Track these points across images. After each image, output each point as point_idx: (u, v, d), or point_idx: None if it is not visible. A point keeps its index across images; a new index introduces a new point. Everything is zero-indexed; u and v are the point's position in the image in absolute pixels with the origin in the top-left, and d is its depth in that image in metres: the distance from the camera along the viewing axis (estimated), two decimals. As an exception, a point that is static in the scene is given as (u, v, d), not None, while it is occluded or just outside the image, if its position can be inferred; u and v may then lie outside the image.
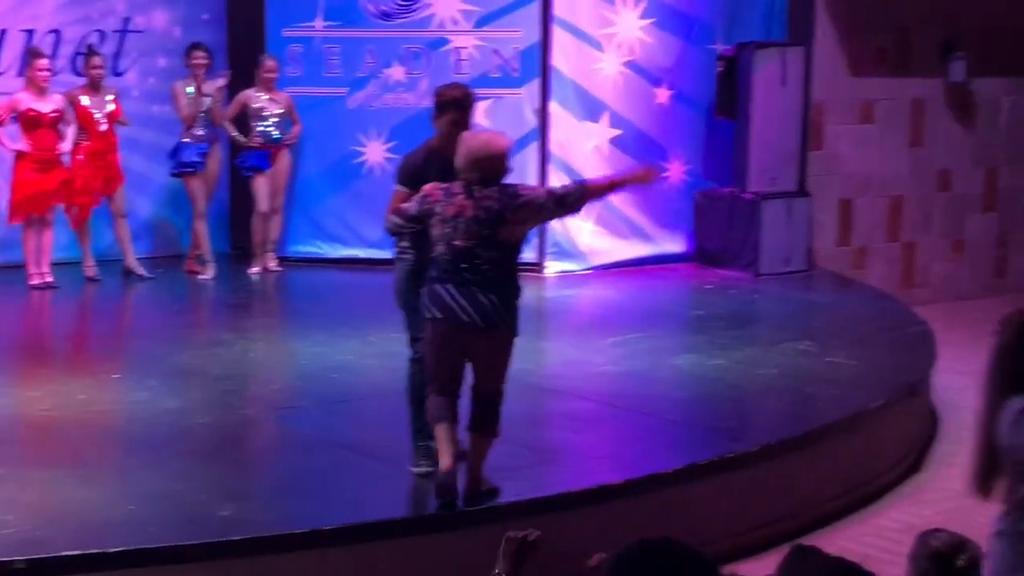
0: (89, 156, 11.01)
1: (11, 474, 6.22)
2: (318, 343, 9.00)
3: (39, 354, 9.17)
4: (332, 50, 12.15)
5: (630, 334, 9.47)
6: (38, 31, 11.75)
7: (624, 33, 12.13)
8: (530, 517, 5.91)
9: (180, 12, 12.42)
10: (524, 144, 11.95)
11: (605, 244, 12.18)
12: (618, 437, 7.41)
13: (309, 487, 6.22)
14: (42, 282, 10.84)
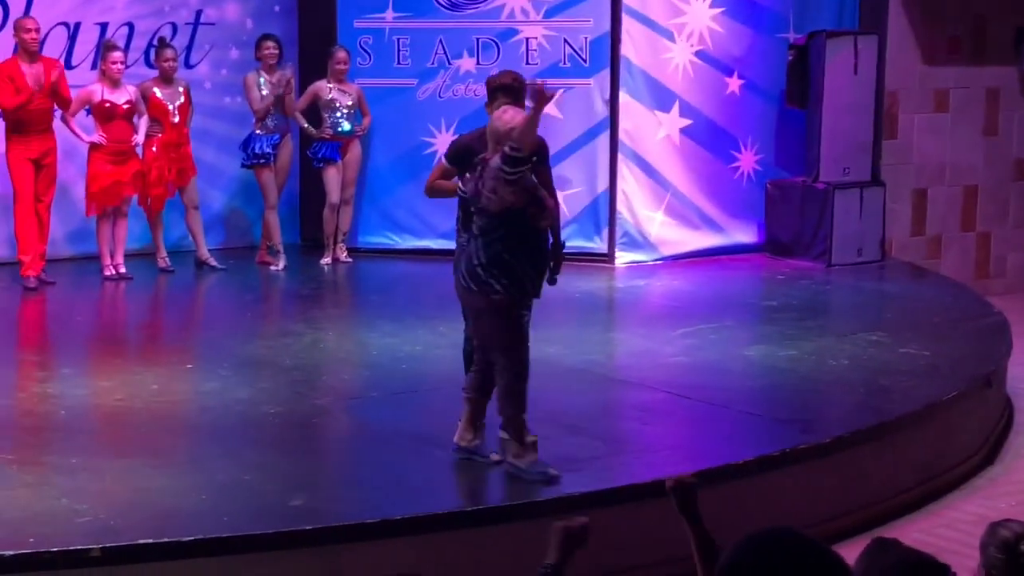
0: (162, 148, 11.10)
1: (85, 463, 6.28)
2: (388, 334, 9.02)
3: (113, 344, 9.26)
4: (402, 41, 12.17)
5: (700, 325, 9.42)
6: (111, 24, 11.87)
7: (695, 22, 12.06)
8: (599, 508, 5.90)
9: (252, 4, 12.50)
10: (594, 134, 11.92)
11: (675, 234, 12.12)
12: (688, 428, 7.37)
13: (379, 477, 6.23)
14: (116, 273, 10.96)
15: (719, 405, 7.53)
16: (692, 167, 12.19)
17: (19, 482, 6.00)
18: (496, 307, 6.12)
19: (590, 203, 12.01)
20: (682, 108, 12.05)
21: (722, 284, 11.24)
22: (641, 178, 11.97)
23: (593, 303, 10.82)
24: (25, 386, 7.80)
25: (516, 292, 6.12)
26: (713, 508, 6.22)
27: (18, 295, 10.48)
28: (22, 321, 10.20)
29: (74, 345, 9.46)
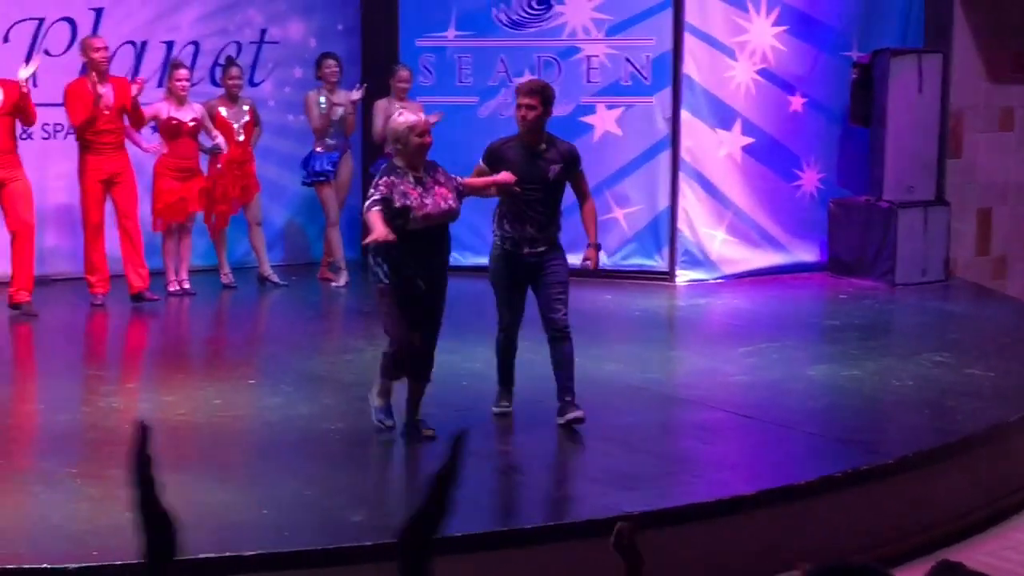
0: (227, 165, 11.20)
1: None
2: (448, 350, 8.99)
3: (176, 359, 9.34)
4: (464, 59, 12.22)
5: (762, 344, 9.37)
6: (178, 43, 11.99)
7: (757, 40, 12.03)
8: (660, 528, 5.88)
9: (316, 23, 12.59)
10: (655, 152, 11.91)
11: (737, 253, 12.07)
12: (750, 448, 7.33)
13: (439, 494, 6.23)
14: (180, 289, 11.05)
15: (781, 425, 7.48)
16: (754, 185, 12.15)
17: (83, 495, 6.06)
18: None
19: (650, 221, 11.99)
20: (744, 126, 12.02)
21: (784, 303, 11.18)
22: (702, 196, 11.94)
23: (653, 321, 10.79)
24: (90, 400, 7.87)
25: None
26: (774, 529, 6.21)
27: (85, 310, 10.60)
28: (88, 336, 10.30)
29: (138, 360, 9.56)
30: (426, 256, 6.81)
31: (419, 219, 6.72)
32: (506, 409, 7.56)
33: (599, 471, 6.55)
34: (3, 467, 6.65)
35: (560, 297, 7.32)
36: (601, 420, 7.54)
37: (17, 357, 9.78)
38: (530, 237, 7.25)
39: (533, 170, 7.20)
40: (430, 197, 6.77)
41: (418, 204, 6.72)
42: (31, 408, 8.06)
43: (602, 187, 12.03)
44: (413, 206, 6.70)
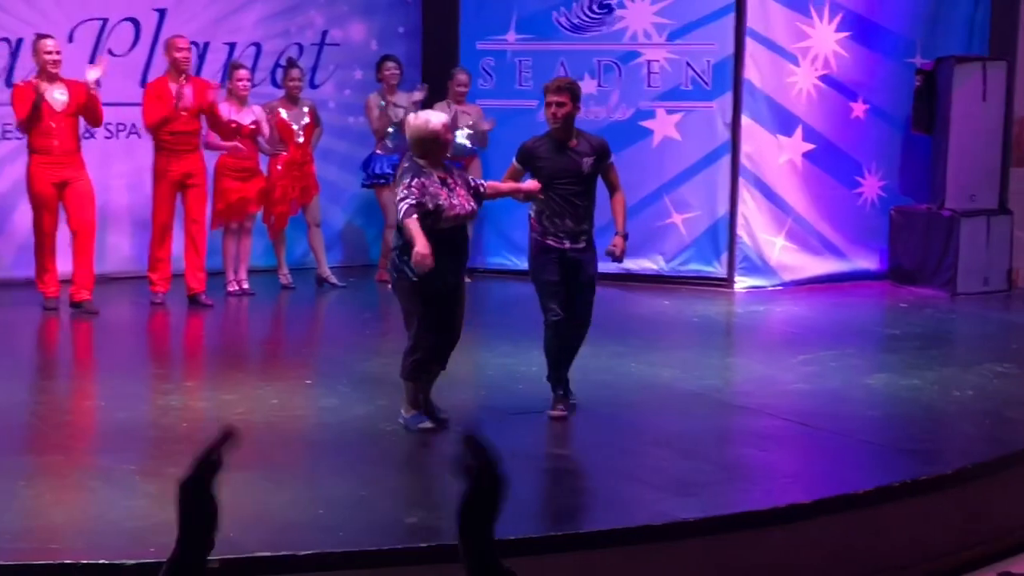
0: (287, 166, 11.26)
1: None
2: (504, 354, 9.03)
3: (234, 359, 9.39)
4: (524, 63, 12.22)
5: (821, 352, 9.31)
6: (239, 44, 12.07)
7: (820, 46, 11.96)
8: (715, 535, 5.85)
9: (377, 25, 12.64)
10: (715, 158, 11.86)
11: (797, 260, 12.00)
12: (807, 456, 7.27)
13: (494, 497, 6.22)
14: (239, 289, 11.12)
15: (839, 434, 7.42)
16: (814, 192, 12.07)
17: (141, 492, 6.09)
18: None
19: (709, 227, 11.94)
20: (805, 132, 11.95)
21: (843, 311, 11.10)
22: (762, 202, 11.88)
23: (711, 328, 10.75)
24: (149, 398, 7.93)
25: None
26: (831, 539, 6.16)
27: (146, 308, 10.69)
28: (148, 334, 10.38)
29: (197, 358, 9.62)
30: (452, 254, 6.92)
31: (449, 219, 6.86)
32: (563, 414, 7.55)
33: (655, 477, 6.52)
34: (62, 463, 6.71)
35: (588, 299, 7.60)
36: (657, 426, 7.51)
37: (78, 354, 9.88)
38: (569, 231, 7.44)
39: (567, 164, 7.41)
40: (456, 197, 6.91)
41: (448, 204, 6.85)
42: (91, 405, 8.13)
43: (661, 192, 12.01)
44: (444, 206, 6.82)
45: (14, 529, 5.60)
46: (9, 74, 11.21)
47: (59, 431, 7.30)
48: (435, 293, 6.92)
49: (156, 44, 11.62)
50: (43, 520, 5.82)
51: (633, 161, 12.02)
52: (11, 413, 7.55)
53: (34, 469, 6.55)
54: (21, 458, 6.77)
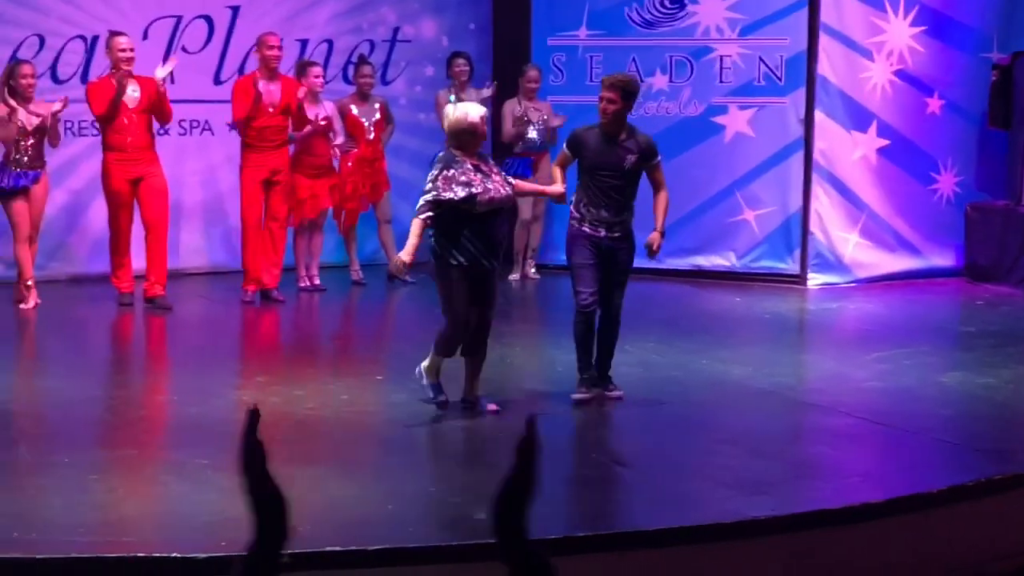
0: (358, 163, 11.30)
1: (276, 470, 6.36)
2: (573, 350, 9.00)
3: (305, 354, 9.44)
4: (595, 59, 12.19)
5: (895, 349, 9.22)
6: (311, 41, 12.13)
7: (894, 41, 11.84)
8: (786, 533, 5.80)
9: (448, 22, 12.66)
10: (788, 154, 11.78)
11: (870, 257, 11.89)
12: (880, 455, 7.20)
13: (562, 493, 6.22)
14: (310, 285, 11.17)
15: (912, 432, 7.34)
16: (889, 188, 11.95)
17: (213, 486, 6.14)
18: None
19: (782, 223, 11.86)
20: (880, 128, 11.83)
21: (918, 308, 10.99)
22: (836, 198, 11.78)
23: (783, 325, 10.68)
24: (221, 393, 7.98)
25: None
26: (904, 538, 6.09)
27: (219, 304, 10.77)
28: (220, 329, 10.46)
29: (269, 354, 9.68)
30: (487, 238, 7.19)
31: (484, 203, 7.13)
32: (586, 396, 7.70)
33: (725, 474, 6.48)
34: (135, 457, 6.78)
35: (622, 285, 7.76)
36: (728, 423, 7.47)
37: (151, 350, 9.98)
38: (605, 221, 7.62)
39: (610, 158, 7.62)
40: (491, 182, 7.20)
41: (482, 189, 7.12)
42: (164, 400, 8.20)
43: (733, 188, 11.94)
44: (477, 192, 7.10)
45: (88, 522, 5.66)
46: (85, 71, 11.33)
47: (133, 426, 7.38)
48: (470, 276, 7.17)
49: (229, 42, 11.71)
50: (117, 514, 5.88)
51: (705, 157, 11.98)
52: (85, 408, 7.64)
53: (108, 463, 6.62)
54: (95, 452, 6.84)
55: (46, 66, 11.10)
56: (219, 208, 11.72)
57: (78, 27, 11.37)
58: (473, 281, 7.22)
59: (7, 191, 10.02)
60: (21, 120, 9.92)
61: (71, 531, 5.48)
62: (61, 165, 11.03)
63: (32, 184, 10.06)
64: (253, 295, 10.72)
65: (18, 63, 10.22)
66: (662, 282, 11.91)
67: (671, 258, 12.16)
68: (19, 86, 9.96)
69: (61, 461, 6.49)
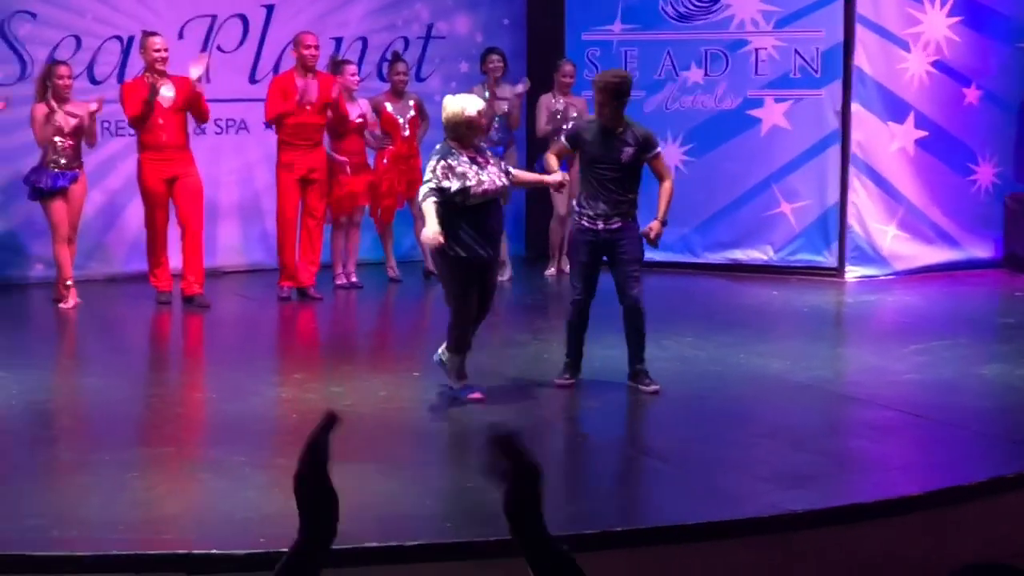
0: (393, 160, 11.31)
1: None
2: (610, 346, 8.98)
3: (343, 351, 9.45)
4: (630, 53, 12.16)
5: (934, 342, 9.16)
6: (346, 39, 12.15)
7: (931, 32, 11.77)
8: (825, 526, 5.78)
9: (482, 17, 12.66)
10: (825, 146, 11.72)
11: (909, 249, 11.83)
12: (919, 447, 7.16)
13: (600, 488, 6.22)
14: (347, 282, 11.20)
15: (952, 425, 7.30)
16: (927, 180, 11.89)
17: (251, 484, 6.16)
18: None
19: (819, 216, 11.80)
20: (917, 119, 11.76)
21: (957, 300, 10.92)
22: (873, 191, 11.72)
23: (821, 318, 10.63)
24: (259, 390, 8.01)
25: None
26: (945, 530, 6.05)
27: (255, 302, 10.80)
28: (257, 327, 10.49)
29: (306, 351, 9.71)
30: (483, 228, 7.39)
31: (479, 195, 7.32)
32: (568, 382, 7.93)
33: (765, 468, 6.46)
34: (174, 455, 6.81)
35: (634, 275, 7.82)
36: (767, 417, 7.45)
37: (189, 348, 10.02)
38: (603, 214, 7.76)
39: (608, 151, 7.77)
40: (485, 174, 7.37)
41: (476, 182, 7.32)
42: (202, 397, 8.24)
43: (769, 181, 11.90)
44: (472, 184, 7.30)
45: (128, 519, 5.69)
46: (121, 71, 11.38)
47: (171, 423, 7.41)
48: (470, 266, 7.38)
49: (264, 41, 11.74)
50: (155, 511, 5.91)
51: (741, 150, 11.94)
52: (125, 406, 7.68)
53: (147, 461, 6.66)
54: (134, 450, 6.88)
55: (83, 66, 11.16)
56: (256, 206, 11.75)
57: (114, 27, 11.42)
58: (473, 271, 7.43)
59: (46, 191, 10.08)
60: (59, 121, 9.99)
61: (111, 529, 5.51)
62: (98, 165, 11.09)
63: (70, 184, 10.13)
64: (289, 291, 10.75)
65: (55, 64, 10.28)
66: (699, 276, 11.88)
67: (708, 252, 12.15)
68: (56, 87, 10.02)
69: (101, 459, 6.52)
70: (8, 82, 10.93)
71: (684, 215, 12.06)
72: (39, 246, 10.96)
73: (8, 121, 10.52)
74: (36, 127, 10.03)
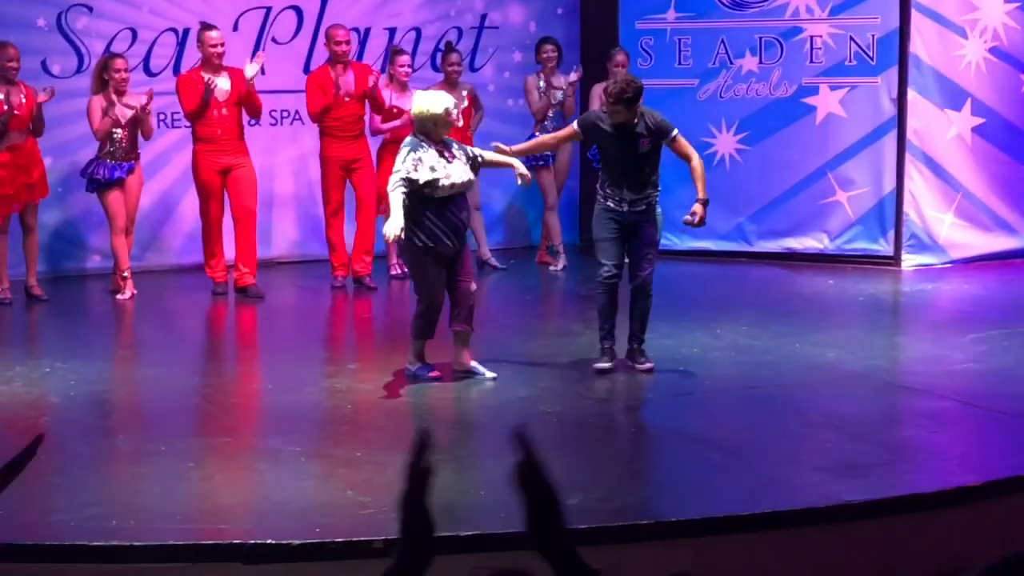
0: (447, 150, 11.31)
1: (370, 457, 6.44)
2: (664, 335, 8.97)
3: (397, 342, 9.44)
4: (684, 41, 12.12)
5: (992, 331, 9.08)
6: (399, 29, 12.17)
7: (988, 18, 11.64)
8: (882, 517, 5.75)
9: (535, 7, 12.64)
10: (881, 134, 11.63)
11: (966, 237, 11.72)
12: (978, 438, 7.10)
13: (654, 478, 6.22)
14: (401, 272, 11.19)
15: (1011, 415, 7.23)
16: (984, 167, 11.77)
17: (307, 474, 6.20)
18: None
19: (876, 204, 11.71)
20: (974, 106, 11.64)
21: (1016, 288, 10.81)
22: (930, 178, 11.61)
23: (877, 306, 10.56)
24: (314, 380, 8.05)
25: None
26: (1003, 521, 6.00)
27: (308, 291, 10.86)
28: (312, 317, 10.54)
29: (361, 341, 9.75)
30: (450, 220, 7.65)
31: (446, 187, 7.60)
32: (607, 365, 8.00)
33: (820, 458, 6.43)
34: (230, 445, 6.86)
35: (648, 257, 8.01)
36: (822, 407, 7.41)
37: (244, 338, 10.08)
38: (628, 199, 7.92)
39: (625, 145, 7.92)
40: (453, 168, 7.64)
41: (444, 174, 7.59)
42: (258, 388, 8.28)
43: (825, 169, 11.82)
44: (439, 175, 7.57)
45: (185, 509, 5.73)
46: (177, 64, 11.46)
47: (227, 414, 7.46)
48: (437, 256, 7.64)
49: (318, 31, 11.79)
50: (212, 501, 5.95)
51: (796, 138, 11.87)
52: (181, 396, 7.74)
53: (203, 451, 6.71)
54: (191, 440, 6.93)
55: (139, 59, 11.24)
56: (311, 197, 11.78)
57: (170, 20, 11.49)
58: (440, 261, 7.68)
59: (102, 183, 10.17)
60: (115, 113, 10.07)
61: (168, 518, 5.56)
62: (155, 157, 11.17)
63: (127, 175, 10.22)
64: (343, 281, 10.80)
65: (112, 57, 10.36)
66: (754, 265, 11.83)
67: (763, 241, 12.08)
68: (112, 79, 10.10)
69: (158, 449, 6.58)
70: (66, 75, 11.03)
71: (738, 204, 12.02)
72: (96, 238, 11.06)
73: (65, 114, 10.60)
74: (93, 120, 10.13)
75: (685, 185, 12.06)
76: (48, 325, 9.96)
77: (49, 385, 7.88)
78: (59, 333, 9.65)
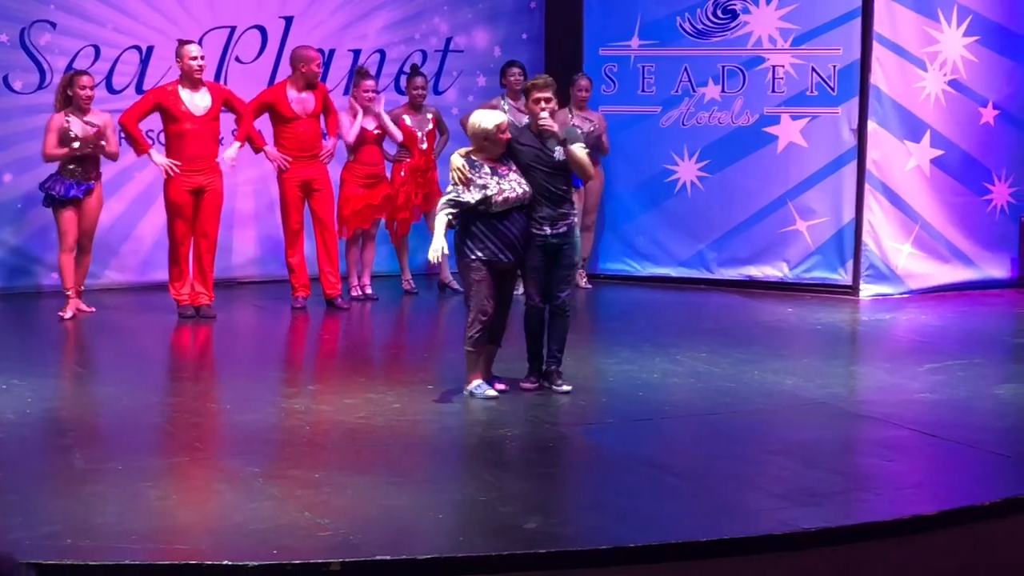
0: (410, 173, 11.34)
1: (328, 478, 6.43)
2: (625, 360, 9.01)
3: (357, 363, 9.47)
4: (647, 68, 12.19)
5: (948, 361, 9.15)
6: (364, 51, 12.19)
7: (948, 51, 11.77)
8: (839, 545, 5.77)
9: (500, 32, 12.70)
10: (841, 164, 11.73)
11: (924, 267, 11.82)
12: (934, 467, 7.14)
13: (613, 504, 6.21)
14: (362, 294, 11.22)
15: (966, 445, 7.28)
16: (943, 199, 11.88)
17: (264, 495, 6.17)
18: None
19: (835, 234, 11.81)
20: (933, 138, 11.76)
21: (972, 319, 10.91)
22: (889, 209, 11.71)
23: (836, 335, 10.62)
24: (273, 401, 8.03)
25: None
26: (958, 551, 6.04)
27: (268, 313, 10.82)
28: (271, 338, 10.51)
29: (320, 362, 9.72)
30: (508, 233, 7.82)
31: (499, 203, 7.76)
32: (532, 385, 8.21)
33: (777, 485, 6.45)
34: (187, 465, 6.82)
35: (567, 279, 8.19)
36: (780, 434, 7.44)
37: (203, 358, 10.04)
38: (548, 216, 7.99)
39: (542, 154, 8.01)
40: (506, 183, 7.79)
41: (496, 191, 7.75)
42: (216, 408, 8.24)
43: (785, 198, 11.91)
44: (492, 194, 7.74)
45: (141, 529, 5.70)
46: (139, 81, 11.43)
47: (185, 433, 7.42)
48: (490, 269, 7.81)
49: (282, 52, 11.79)
50: (169, 521, 5.91)
51: (757, 167, 11.95)
52: (139, 415, 7.70)
53: (161, 471, 6.66)
54: (148, 460, 6.89)
55: (102, 76, 11.20)
56: (272, 217, 11.77)
57: (133, 37, 11.47)
58: (493, 274, 7.84)
59: (57, 199, 10.10)
60: (76, 131, 10.01)
61: (124, 538, 5.52)
62: (119, 173, 11.13)
63: (83, 196, 10.13)
64: (304, 301, 10.78)
65: (77, 74, 10.30)
66: (714, 292, 11.88)
67: (723, 268, 12.15)
68: (77, 96, 10.05)
69: (115, 468, 6.54)
70: (28, 91, 10.98)
71: (699, 231, 12.09)
72: (55, 255, 11.00)
73: (28, 130, 10.56)
74: (48, 140, 10.02)
75: (646, 211, 12.17)
76: (4, 342, 9.89)
77: (5, 402, 7.82)
78: (16, 350, 9.57)
